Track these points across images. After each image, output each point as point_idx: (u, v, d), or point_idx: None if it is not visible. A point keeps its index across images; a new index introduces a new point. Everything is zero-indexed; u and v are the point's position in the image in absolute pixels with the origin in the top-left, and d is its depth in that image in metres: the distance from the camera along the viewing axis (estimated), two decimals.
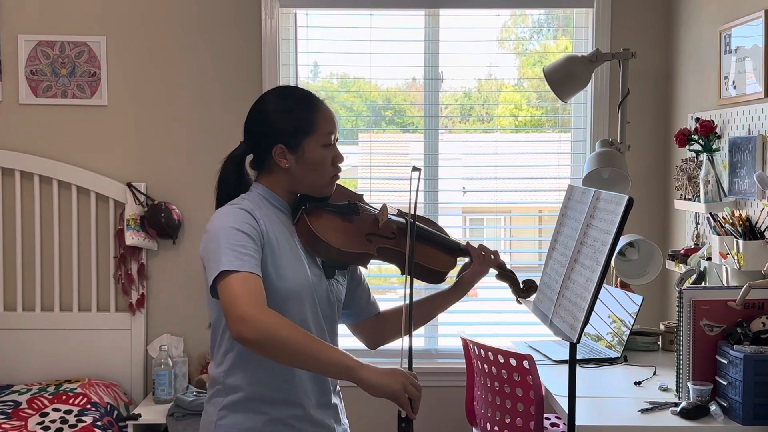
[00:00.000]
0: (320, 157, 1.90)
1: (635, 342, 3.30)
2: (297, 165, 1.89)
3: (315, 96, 1.97)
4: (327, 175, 1.93)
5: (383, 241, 1.97)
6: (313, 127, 1.90)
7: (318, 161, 1.90)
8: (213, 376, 1.90)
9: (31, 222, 3.81)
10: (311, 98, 1.95)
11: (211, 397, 1.91)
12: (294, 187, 1.93)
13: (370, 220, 1.98)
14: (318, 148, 1.90)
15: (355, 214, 1.97)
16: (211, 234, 1.83)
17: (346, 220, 1.95)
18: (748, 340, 2.46)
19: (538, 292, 2.23)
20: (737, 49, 3.06)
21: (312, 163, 1.90)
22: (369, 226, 1.97)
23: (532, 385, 2.80)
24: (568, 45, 4.00)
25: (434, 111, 3.94)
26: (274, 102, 1.94)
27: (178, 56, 3.83)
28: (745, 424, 2.39)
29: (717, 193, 3.09)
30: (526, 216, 4.44)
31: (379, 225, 1.98)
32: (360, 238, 1.94)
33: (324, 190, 1.95)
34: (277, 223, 1.89)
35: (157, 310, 3.87)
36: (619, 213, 1.88)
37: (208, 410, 1.91)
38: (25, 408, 3.41)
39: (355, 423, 2.18)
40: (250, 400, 1.85)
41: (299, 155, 1.89)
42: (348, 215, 1.96)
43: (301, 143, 1.89)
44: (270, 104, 1.94)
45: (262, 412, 1.85)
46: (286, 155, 1.89)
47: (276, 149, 1.89)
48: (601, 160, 3.33)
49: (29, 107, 3.82)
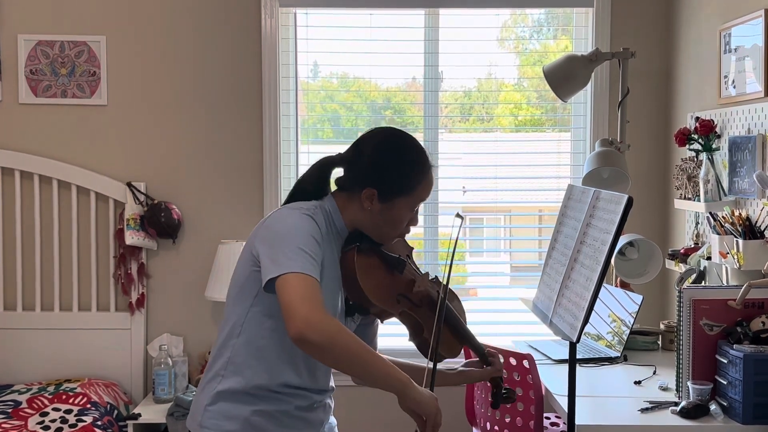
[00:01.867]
0: (405, 217, 1.93)
1: (635, 341, 3.30)
2: (379, 214, 1.91)
3: (429, 160, 1.96)
4: (397, 232, 1.96)
5: (409, 306, 1.98)
6: (413, 191, 1.91)
7: (399, 220, 1.93)
8: (213, 367, 1.91)
9: (30, 222, 3.81)
10: (425, 162, 1.95)
11: (206, 384, 1.92)
12: (363, 226, 1.94)
13: (407, 281, 1.98)
14: (407, 209, 1.92)
15: (398, 271, 1.97)
16: (283, 230, 1.80)
17: (388, 273, 1.95)
18: (748, 339, 2.46)
19: (538, 291, 2.23)
20: (737, 48, 3.06)
21: (393, 220, 1.92)
22: (404, 287, 1.97)
23: (532, 384, 2.80)
24: (567, 44, 4.00)
25: (434, 110, 3.93)
26: (392, 148, 1.92)
27: (177, 56, 3.83)
28: (745, 424, 2.39)
29: (717, 193, 3.09)
30: (526, 215, 4.44)
31: (413, 289, 1.98)
32: (392, 295, 1.95)
33: (386, 241, 1.97)
34: (331, 245, 1.90)
35: (156, 310, 3.87)
36: (618, 212, 1.88)
37: (199, 398, 1.92)
38: (25, 408, 3.41)
39: (353, 423, 2.18)
40: (244, 392, 1.86)
41: (386, 207, 1.90)
42: (392, 269, 1.97)
43: (395, 199, 1.90)
44: (386, 147, 1.92)
45: (252, 404, 1.87)
46: (374, 201, 1.89)
47: (368, 191, 1.89)
48: (601, 159, 3.33)
49: (29, 107, 3.82)
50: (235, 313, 1.89)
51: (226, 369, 1.89)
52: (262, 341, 1.86)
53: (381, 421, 3.85)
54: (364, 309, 1.98)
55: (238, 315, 1.89)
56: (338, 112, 4.04)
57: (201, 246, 3.82)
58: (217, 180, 3.84)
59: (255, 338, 1.86)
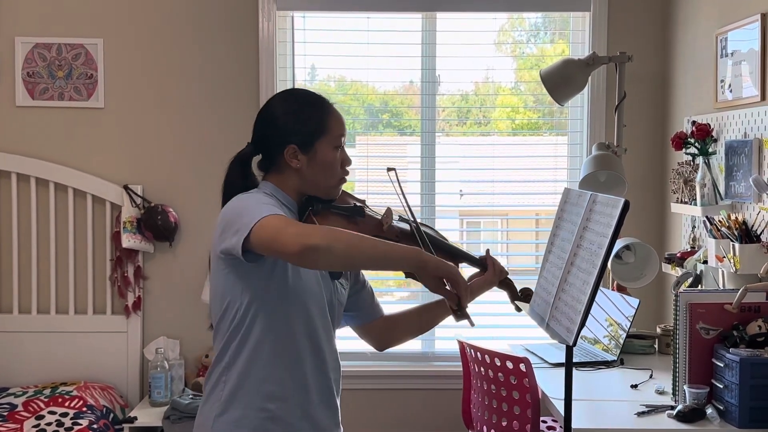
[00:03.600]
0: (331, 158, 1.93)
1: (632, 345, 3.30)
2: (308, 166, 1.92)
3: (326, 99, 1.99)
4: (336, 177, 1.96)
5: None
6: (326, 129, 1.93)
7: (329, 163, 1.93)
8: (213, 374, 1.89)
9: (27, 224, 3.81)
10: (323, 101, 1.98)
11: (209, 394, 1.89)
12: (303, 187, 1.94)
13: (375, 224, 1.98)
14: (330, 149, 1.93)
15: (360, 216, 1.97)
16: (236, 209, 1.78)
17: (352, 223, 1.95)
18: (745, 343, 2.46)
19: (534, 295, 2.23)
20: (733, 52, 3.06)
21: (323, 165, 1.92)
22: (373, 229, 1.96)
23: (528, 388, 2.80)
24: (564, 48, 4.00)
25: (431, 114, 3.94)
26: (286, 104, 1.96)
27: (174, 59, 3.83)
28: (741, 428, 2.38)
29: (713, 197, 3.10)
30: (523, 219, 4.44)
31: (383, 228, 1.98)
32: None
33: (332, 191, 1.97)
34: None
35: (153, 313, 3.87)
36: (615, 216, 1.88)
37: (204, 411, 1.89)
38: (20, 411, 3.40)
39: (353, 425, 2.18)
40: (251, 396, 1.84)
41: (311, 156, 1.91)
42: (353, 217, 1.96)
43: (314, 144, 1.91)
44: (282, 106, 1.96)
45: (262, 409, 1.84)
46: (298, 155, 1.91)
47: (288, 149, 1.90)
48: (598, 163, 3.33)
49: (26, 109, 3.81)
50: (223, 326, 1.87)
51: (227, 372, 1.86)
52: (257, 343, 1.84)
53: (381, 421, 3.85)
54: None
55: (227, 324, 1.86)
56: None
57: (198, 249, 3.81)
58: (214, 183, 3.76)
59: (244, 339, 1.84)
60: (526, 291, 2.21)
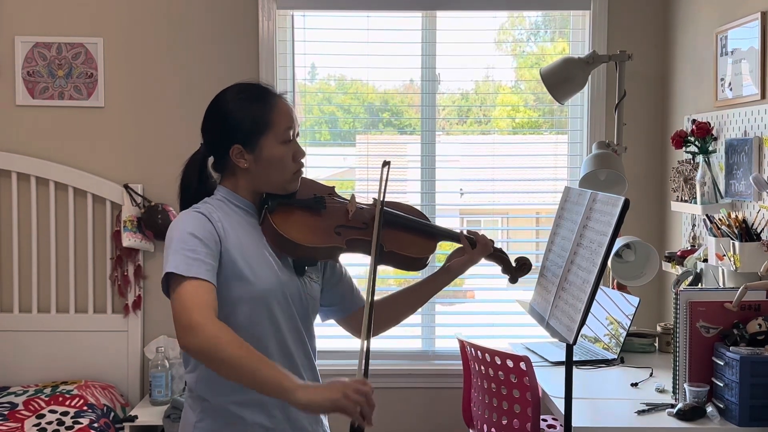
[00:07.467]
0: (279, 154, 1.84)
1: (632, 343, 3.30)
2: (256, 165, 1.84)
3: (271, 91, 1.89)
4: (288, 172, 1.86)
5: (354, 233, 1.90)
6: (268, 125, 1.83)
7: (277, 159, 1.84)
8: (188, 382, 1.88)
9: (27, 223, 3.81)
10: (266, 94, 1.87)
11: (188, 399, 1.88)
12: (256, 186, 1.88)
13: (340, 213, 1.93)
14: (276, 145, 1.83)
15: (322, 207, 1.91)
16: (167, 239, 1.79)
17: (313, 215, 1.90)
18: (745, 341, 2.46)
19: (534, 294, 2.23)
20: (733, 51, 3.06)
21: (271, 162, 1.84)
22: (338, 219, 1.92)
23: (528, 386, 2.80)
24: (565, 47, 4.00)
25: (431, 113, 3.94)
26: (228, 100, 1.87)
27: (174, 58, 3.83)
28: (741, 426, 2.39)
29: (713, 195, 3.10)
30: (523, 218, 4.44)
31: (349, 216, 1.93)
32: (328, 232, 1.88)
33: (287, 186, 1.88)
34: (243, 224, 1.85)
35: (153, 312, 3.87)
36: (615, 215, 1.88)
37: (187, 413, 1.88)
38: (21, 410, 3.40)
39: None
40: (221, 408, 1.81)
41: (257, 155, 1.83)
42: (314, 209, 1.90)
43: (258, 142, 1.82)
44: (225, 103, 1.87)
45: (238, 417, 1.81)
46: (244, 155, 1.83)
47: (233, 150, 1.83)
48: (598, 161, 3.33)
49: (26, 109, 3.81)
50: None
51: (195, 384, 1.84)
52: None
53: (381, 421, 3.85)
54: (309, 259, 1.91)
55: None
56: (336, 114, 4.04)
57: None
58: None
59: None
60: (522, 260, 2.14)
